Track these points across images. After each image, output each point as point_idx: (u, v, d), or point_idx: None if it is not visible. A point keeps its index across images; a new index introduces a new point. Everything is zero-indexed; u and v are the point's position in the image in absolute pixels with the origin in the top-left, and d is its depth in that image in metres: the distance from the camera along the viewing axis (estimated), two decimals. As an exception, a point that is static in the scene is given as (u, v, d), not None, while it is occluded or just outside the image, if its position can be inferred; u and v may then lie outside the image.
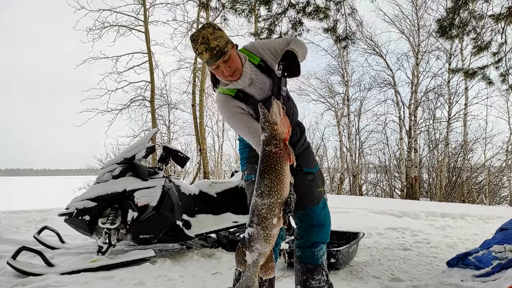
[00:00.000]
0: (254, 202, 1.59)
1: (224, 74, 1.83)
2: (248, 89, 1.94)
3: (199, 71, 14.11)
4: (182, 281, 2.93)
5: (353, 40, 5.77)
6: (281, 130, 1.58)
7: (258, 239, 1.56)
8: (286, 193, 1.58)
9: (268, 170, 1.58)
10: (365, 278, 3.07)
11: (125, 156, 3.78)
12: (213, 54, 1.75)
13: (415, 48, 14.97)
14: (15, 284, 2.84)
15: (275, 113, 1.58)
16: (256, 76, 1.94)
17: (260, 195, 1.57)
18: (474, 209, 8.35)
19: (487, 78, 5.93)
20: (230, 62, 1.80)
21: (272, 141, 1.58)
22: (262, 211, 1.56)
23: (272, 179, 1.57)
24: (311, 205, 2.08)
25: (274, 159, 1.57)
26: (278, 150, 1.58)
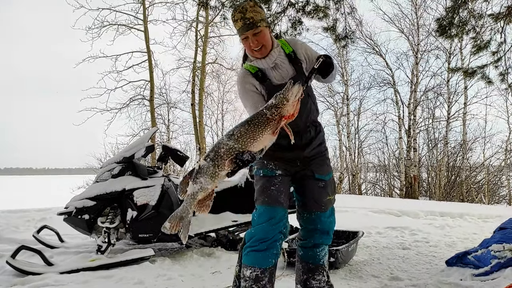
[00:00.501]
0: (220, 140, 1.67)
1: (251, 46, 1.90)
2: (269, 72, 1.99)
3: (199, 70, 14.11)
4: (181, 280, 2.93)
5: (352, 39, 5.77)
6: (287, 108, 1.64)
7: (205, 174, 1.63)
8: (251, 149, 1.62)
9: (251, 123, 1.65)
10: (364, 277, 3.07)
11: (124, 155, 3.78)
12: (245, 24, 1.85)
13: (415, 47, 14.97)
14: (14, 283, 2.83)
15: (293, 93, 1.63)
16: (282, 63, 1.99)
17: (229, 136, 1.65)
18: (473, 208, 8.36)
19: (486, 77, 5.94)
20: (259, 37, 1.88)
21: (272, 109, 1.64)
22: (221, 150, 1.63)
23: (248, 131, 1.63)
24: (317, 211, 2.07)
25: (263, 120, 1.64)
26: (271, 117, 1.63)
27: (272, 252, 1.85)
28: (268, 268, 1.85)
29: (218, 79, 18.18)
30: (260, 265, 1.83)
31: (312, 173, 2.06)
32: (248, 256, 1.87)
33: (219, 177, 1.64)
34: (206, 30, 14.02)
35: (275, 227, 1.87)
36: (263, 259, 1.84)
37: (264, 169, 2.02)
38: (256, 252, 1.84)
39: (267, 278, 1.86)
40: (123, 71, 13.37)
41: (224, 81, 18.52)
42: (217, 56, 15.21)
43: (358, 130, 17.85)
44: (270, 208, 1.90)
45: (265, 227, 1.86)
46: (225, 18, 6.07)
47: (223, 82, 18.55)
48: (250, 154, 1.61)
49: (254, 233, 1.88)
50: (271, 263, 1.87)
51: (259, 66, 1.99)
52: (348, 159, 17.06)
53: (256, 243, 1.86)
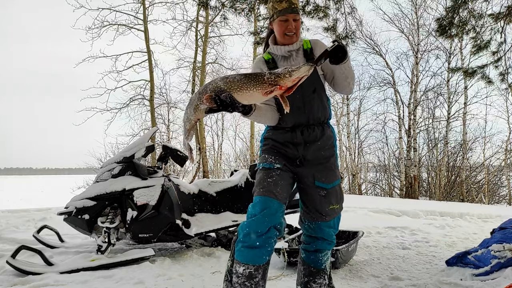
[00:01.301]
0: (216, 78, 1.75)
1: (289, 28, 1.95)
2: (280, 61, 2.05)
3: (199, 70, 14.11)
4: (181, 280, 2.93)
5: (353, 39, 5.77)
6: (286, 80, 1.65)
7: (191, 105, 1.79)
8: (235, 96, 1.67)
9: (247, 75, 1.70)
10: (364, 277, 3.07)
11: (125, 155, 3.78)
12: (291, 7, 1.93)
13: (415, 47, 14.97)
14: (14, 283, 2.83)
15: (300, 71, 1.64)
16: (296, 55, 2.04)
17: (222, 78, 1.72)
18: (473, 208, 8.37)
19: (486, 77, 5.94)
20: (297, 24, 1.97)
21: (272, 75, 1.66)
22: (209, 86, 1.70)
23: (240, 80, 1.68)
24: (318, 221, 2.03)
25: (258, 78, 1.67)
26: (267, 80, 1.66)
27: (266, 249, 1.79)
28: (262, 265, 1.81)
29: (218, 79, 18.14)
30: (253, 262, 1.78)
31: (312, 179, 2.00)
32: (241, 253, 1.81)
33: (200, 110, 1.73)
34: (206, 30, 14.02)
35: (269, 220, 1.79)
36: (256, 257, 1.79)
37: (264, 162, 2.01)
38: (250, 249, 1.78)
39: (260, 275, 1.81)
40: (123, 71, 13.41)
41: (224, 81, 18.47)
42: (217, 56, 15.24)
43: (358, 130, 17.88)
44: (265, 199, 1.85)
45: (259, 218, 1.79)
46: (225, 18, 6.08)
47: (223, 82, 18.51)
48: (230, 97, 1.64)
49: (247, 225, 1.81)
50: (265, 260, 1.82)
51: (274, 52, 2.06)
52: (348, 159, 17.06)
53: (249, 238, 1.79)
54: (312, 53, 2.04)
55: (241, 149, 19.66)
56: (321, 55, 1.78)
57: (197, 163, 11.89)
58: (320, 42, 2.10)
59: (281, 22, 1.95)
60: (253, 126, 15.09)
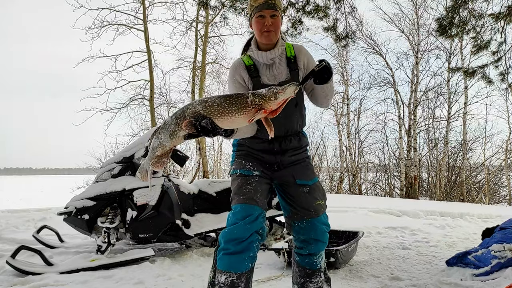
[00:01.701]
0: (193, 101, 1.62)
1: (265, 25, 1.86)
2: (263, 69, 1.96)
3: (199, 70, 14.11)
4: (181, 280, 2.93)
5: (353, 39, 5.76)
6: (271, 103, 1.56)
7: (166, 130, 1.62)
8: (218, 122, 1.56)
9: (228, 99, 1.58)
10: (364, 277, 3.07)
11: (124, 155, 3.78)
12: (267, 2, 1.85)
13: (415, 47, 14.97)
14: (14, 283, 2.83)
15: (285, 92, 1.55)
16: (279, 63, 1.95)
17: (201, 101, 1.59)
18: (473, 208, 8.36)
19: (486, 77, 5.94)
20: (275, 20, 1.87)
21: (256, 97, 1.56)
22: (188, 111, 1.59)
23: (221, 104, 1.56)
24: (308, 218, 1.93)
25: (240, 102, 1.57)
26: (250, 103, 1.56)
27: (248, 255, 1.71)
28: (245, 273, 1.72)
29: (218, 79, 18.17)
30: (235, 269, 1.69)
31: (293, 178, 1.97)
32: (222, 260, 1.72)
33: (177, 136, 1.61)
34: (206, 29, 14.02)
35: (251, 226, 1.72)
36: (238, 263, 1.70)
37: (241, 169, 1.95)
38: (231, 256, 1.70)
39: (243, 283, 1.72)
40: (123, 71, 13.38)
41: (224, 81, 18.48)
42: (217, 56, 15.24)
43: (358, 130, 17.85)
44: (246, 206, 1.78)
45: (240, 226, 1.71)
46: (225, 18, 6.07)
47: (223, 82, 18.52)
48: (211, 123, 1.53)
49: (229, 232, 1.73)
50: (248, 267, 1.72)
51: (256, 58, 1.95)
52: (348, 159, 17.06)
53: (231, 244, 1.71)
54: (295, 61, 1.97)
55: (241, 149, 19.62)
56: (308, 75, 1.75)
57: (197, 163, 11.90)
58: (303, 49, 2.02)
59: (258, 19, 1.88)
60: (253, 126, 15.07)
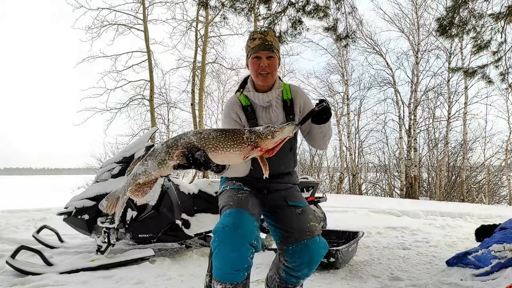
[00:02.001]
0: (187, 132, 1.56)
1: (261, 66, 1.84)
2: (259, 111, 1.94)
3: (199, 70, 14.11)
4: (181, 280, 2.92)
5: (353, 39, 5.76)
6: (267, 142, 1.52)
7: (155, 158, 1.55)
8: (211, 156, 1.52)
9: (223, 134, 1.53)
10: (364, 277, 3.06)
11: (124, 155, 3.78)
12: (263, 44, 1.83)
13: (415, 47, 14.97)
14: (14, 283, 2.83)
15: (283, 132, 1.52)
16: (276, 106, 1.94)
17: (196, 133, 1.54)
18: (473, 208, 8.36)
19: (486, 77, 5.94)
20: (271, 62, 1.85)
21: (252, 135, 1.52)
22: (181, 141, 1.53)
23: (216, 138, 1.52)
24: (303, 240, 1.78)
25: (236, 138, 1.53)
26: (245, 141, 1.52)
27: (243, 266, 1.64)
28: (241, 282, 1.68)
29: (218, 79, 18.19)
30: (231, 280, 1.64)
31: (285, 201, 1.91)
32: (217, 270, 1.66)
33: (166, 166, 1.53)
34: (206, 29, 14.02)
35: (243, 235, 1.62)
36: (234, 276, 1.64)
37: (231, 185, 1.93)
38: (226, 267, 1.63)
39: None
40: (122, 71, 13.38)
41: (224, 81, 18.52)
42: (217, 55, 15.22)
43: (358, 130, 17.86)
44: (237, 210, 1.71)
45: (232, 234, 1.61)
46: (225, 18, 6.06)
47: (223, 82, 18.55)
48: (205, 156, 1.49)
49: (220, 241, 1.63)
50: (243, 277, 1.67)
51: (253, 99, 1.93)
52: (348, 159, 17.06)
53: (224, 256, 1.62)
54: (292, 105, 1.94)
55: (241, 149, 19.65)
56: (307, 115, 1.70)
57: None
58: (300, 92, 1.99)
59: (254, 60, 1.86)
60: (253, 126, 15.08)
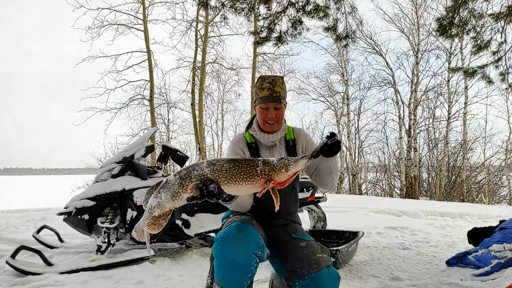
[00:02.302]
0: (200, 163, 1.53)
1: (268, 117, 1.92)
2: (263, 149, 2.01)
3: (198, 70, 14.11)
4: (181, 280, 2.93)
5: (353, 39, 5.76)
6: (281, 176, 1.52)
7: (168, 190, 1.52)
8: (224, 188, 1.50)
9: (237, 165, 1.51)
10: (364, 277, 3.06)
11: (124, 155, 3.78)
12: (272, 95, 1.89)
13: (415, 47, 14.97)
14: (14, 283, 2.83)
15: (297, 166, 1.52)
16: (279, 146, 2.02)
17: (209, 163, 1.51)
18: (473, 208, 8.37)
19: (486, 77, 5.94)
20: (278, 112, 1.93)
21: (266, 167, 1.51)
22: (194, 172, 1.50)
23: (229, 170, 1.49)
24: (310, 273, 1.72)
25: (250, 170, 1.51)
26: (259, 173, 1.51)
27: (246, 275, 1.62)
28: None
29: (218, 79, 18.18)
30: (232, 286, 1.61)
31: (289, 235, 1.89)
32: (219, 275, 1.63)
33: (180, 198, 1.51)
34: (206, 29, 14.02)
35: (247, 242, 1.61)
36: (237, 283, 1.60)
37: (235, 214, 1.97)
38: (228, 273, 1.61)
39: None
40: (122, 70, 13.38)
41: (224, 81, 18.50)
42: (217, 55, 15.23)
43: (358, 130, 17.86)
44: (243, 223, 1.70)
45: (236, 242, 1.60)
46: (225, 18, 6.07)
47: (223, 82, 18.54)
48: (218, 188, 1.48)
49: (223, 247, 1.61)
50: (247, 283, 1.64)
51: (258, 138, 2.01)
52: (348, 159, 17.06)
53: (227, 262, 1.60)
54: (294, 145, 2.02)
55: (241, 149, 19.64)
56: (321, 149, 1.69)
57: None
58: (302, 133, 2.07)
59: (262, 109, 1.93)
60: (253, 126, 15.09)
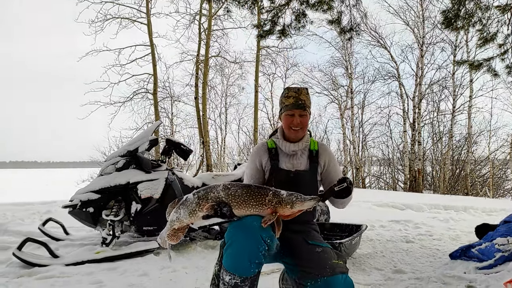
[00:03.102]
0: (217, 185, 1.70)
1: (294, 123, 1.99)
2: (283, 156, 2.07)
3: (202, 63, 14.07)
4: (185, 272, 2.95)
5: (357, 32, 5.71)
6: (286, 210, 1.65)
7: (187, 207, 1.70)
8: (235, 211, 1.66)
9: (249, 192, 1.66)
10: (367, 270, 3.08)
11: (128, 148, 3.79)
12: (297, 103, 1.98)
13: (420, 39, 14.84)
14: (21, 274, 2.87)
15: (303, 205, 1.64)
16: (301, 155, 2.07)
17: (225, 188, 1.68)
18: (477, 202, 8.35)
19: (492, 70, 5.89)
20: (303, 119, 2.00)
21: (275, 199, 1.66)
22: (211, 194, 1.68)
23: (241, 195, 1.65)
24: (323, 276, 1.73)
25: (260, 198, 1.66)
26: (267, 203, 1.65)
27: (253, 262, 1.64)
28: (249, 277, 1.66)
29: (221, 73, 18.15)
30: (240, 273, 1.64)
31: (305, 240, 1.92)
32: (227, 261, 1.67)
33: (196, 216, 1.70)
34: (209, 23, 13.96)
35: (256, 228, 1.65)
36: (243, 268, 1.64)
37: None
38: (236, 259, 1.65)
39: (248, 286, 1.67)
40: (126, 64, 13.39)
41: (227, 74, 18.48)
42: (221, 49, 15.20)
43: (362, 124, 17.81)
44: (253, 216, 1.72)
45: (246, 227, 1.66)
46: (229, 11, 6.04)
47: (226, 75, 18.52)
48: (230, 211, 1.65)
49: (234, 232, 1.69)
50: (253, 272, 1.66)
51: (280, 146, 2.07)
52: (352, 152, 17.04)
53: (236, 248, 1.66)
54: (317, 156, 2.07)
55: (244, 143, 19.71)
56: (328, 193, 1.80)
57: (201, 156, 11.93)
58: (327, 149, 2.12)
59: (287, 116, 2.01)
60: (256, 120, 15.08)
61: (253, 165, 2.09)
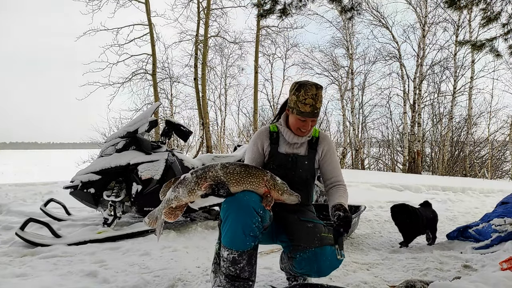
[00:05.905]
0: (215, 164, 1.74)
1: (304, 127, 2.00)
2: (283, 142, 2.09)
3: (201, 43, 13.88)
4: (186, 252, 3.00)
5: (358, 11, 5.61)
6: (275, 194, 1.76)
7: (185, 186, 1.72)
8: (231, 188, 1.71)
9: (247, 171, 1.73)
10: (365, 250, 3.13)
11: (128, 130, 3.78)
12: (313, 111, 1.95)
13: (422, 19, 14.60)
14: (24, 254, 2.91)
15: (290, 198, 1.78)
16: (301, 143, 2.10)
17: (223, 166, 1.72)
18: (475, 183, 8.41)
19: (495, 51, 5.81)
20: (313, 123, 2.02)
21: (271, 181, 1.75)
22: (209, 173, 1.71)
23: (239, 173, 1.71)
24: (311, 248, 1.80)
25: (257, 178, 1.73)
26: (265, 182, 1.74)
27: (248, 235, 1.69)
28: (246, 251, 1.71)
29: (221, 53, 17.94)
30: (237, 247, 1.70)
31: (297, 217, 1.98)
32: (225, 237, 1.73)
33: (195, 195, 1.72)
34: (208, 1, 13.68)
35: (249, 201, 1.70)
36: (239, 242, 1.69)
37: None
38: (232, 234, 1.70)
39: (245, 261, 1.72)
40: (124, 44, 13.21)
41: (227, 54, 18.25)
42: (220, 29, 14.95)
43: (362, 105, 17.73)
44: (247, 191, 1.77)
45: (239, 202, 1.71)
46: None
47: (226, 56, 18.30)
48: (227, 191, 1.71)
49: (227, 208, 1.74)
50: (249, 246, 1.71)
51: (282, 133, 2.09)
52: (351, 134, 17.03)
53: (230, 223, 1.71)
54: (316, 143, 2.11)
55: (244, 124, 19.65)
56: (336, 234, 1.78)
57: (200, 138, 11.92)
58: (327, 139, 2.14)
59: (299, 120, 1.99)
60: (256, 102, 14.99)
61: (254, 148, 2.11)
